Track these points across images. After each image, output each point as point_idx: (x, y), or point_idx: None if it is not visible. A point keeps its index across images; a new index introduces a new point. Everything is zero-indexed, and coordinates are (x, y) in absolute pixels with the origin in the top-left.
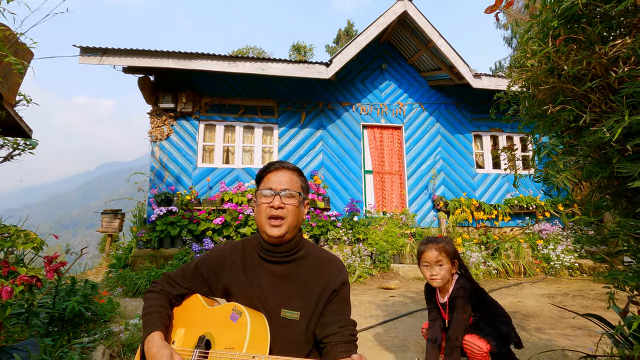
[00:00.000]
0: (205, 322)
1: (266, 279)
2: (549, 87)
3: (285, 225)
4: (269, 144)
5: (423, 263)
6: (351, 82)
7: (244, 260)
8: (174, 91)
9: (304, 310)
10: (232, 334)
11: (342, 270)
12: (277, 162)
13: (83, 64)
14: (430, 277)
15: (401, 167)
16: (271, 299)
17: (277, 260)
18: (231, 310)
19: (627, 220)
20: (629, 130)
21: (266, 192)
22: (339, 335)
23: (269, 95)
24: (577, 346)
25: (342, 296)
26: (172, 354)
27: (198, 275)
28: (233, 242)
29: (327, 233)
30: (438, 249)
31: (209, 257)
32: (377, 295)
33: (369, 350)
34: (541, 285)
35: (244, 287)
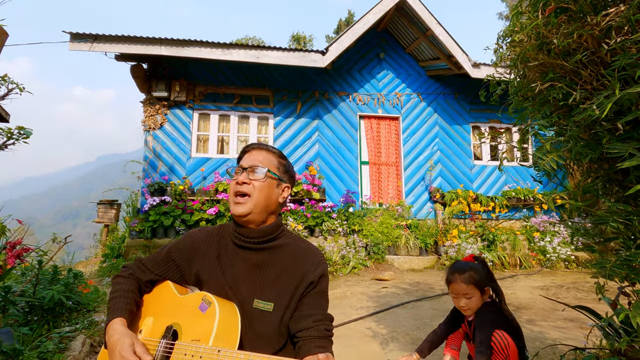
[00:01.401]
0: (174, 311)
1: (240, 267)
2: (538, 64)
3: (250, 203)
4: (264, 134)
5: (451, 293)
6: (348, 71)
7: (218, 247)
8: (168, 80)
9: (278, 301)
10: (199, 325)
11: (321, 262)
12: (256, 143)
13: (74, 50)
14: (460, 308)
15: (398, 158)
16: (244, 289)
17: (251, 247)
18: (200, 300)
19: (617, 205)
20: (621, 108)
21: (237, 169)
22: (313, 330)
23: (264, 84)
24: (568, 338)
25: (319, 289)
26: (134, 343)
27: (170, 260)
28: (209, 228)
29: (322, 224)
30: (464, 280)
31: (182, 242)
32: (369, 286)
33: (357, 341)
34: (536, 278)
35: (216, 274)
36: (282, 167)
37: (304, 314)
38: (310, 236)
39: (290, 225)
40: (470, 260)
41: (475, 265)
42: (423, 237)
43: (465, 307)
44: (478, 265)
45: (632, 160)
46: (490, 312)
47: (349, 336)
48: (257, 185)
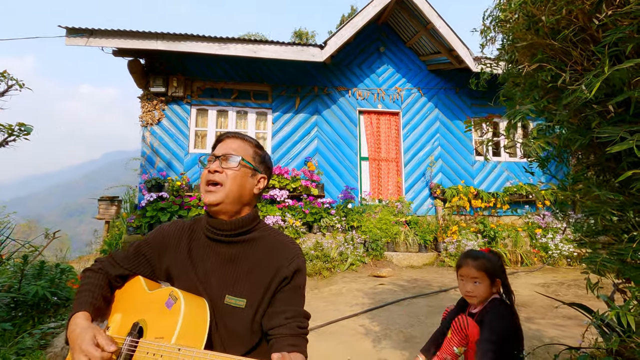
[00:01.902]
0: (142, 307)
1: (211, 261)
2: (527, 45)
3: (222, 192)
4: (263, 129)
5: (459, 277)
6: (347, 66)
7: (190, 241)
8: (165, 75)
9: (251, 297)
10: (165, 321)
11: (297, 256)
12: (231, 132)
13: (70, 45)
14: (466, 294)
15: (398, 154)
16: (215, 284)
17: (223, 240)
18: (168, 296)
19: (607, 194)
20: (612, 88)
21: (210, 157)
22: (285, 328)
23: (262, 79)
24: (566, 336)
25: (294, 285)
26: (95, 336)
27: (140, 255)
28: (181, 221)
29: (321, 220)
30: (476, 266)
31: (154, 236)
32: (366, 283)
33: (349, 338)
34: (537, 275)
35: (186, 270)
36: (257, 157)
37: (276, 310)
38: (309, 232)
39: (288, 221)
40: (486, 252)
41: (490, 255)
42: (422, 234)
43: (471, 293)
44: (493, 257)
45: (623, 144)
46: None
47: (341, 333)
48: (230, 174)
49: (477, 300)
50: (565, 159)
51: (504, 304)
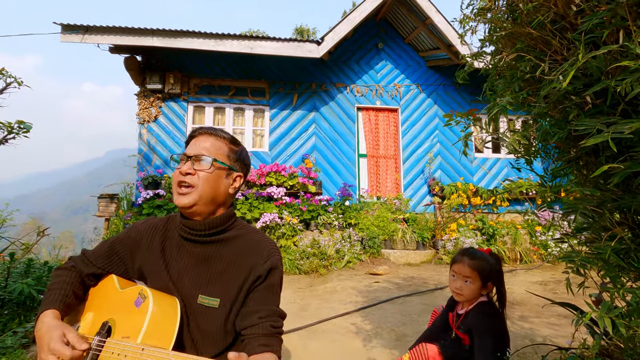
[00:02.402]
0: (113, 306)
1: (185, 260)
2: (507, 34)
3: (195, 194)
4: (260, 126)
5: (451, 272)
6: (345, 62)
7: (163, 240)
8: (162, 72)
9: (224, 297)
10: (132, 321)
11: (272, 254)
12: (205, 127)
13: (65, 41)
14: (454, 290)
15: (397, 151)
16: (188, 283)
17: (198, 240)
18: (137, 294)
19: (584, 190)
20: (590, 79)
21: (181, 157)
22: (258, 327)
23: (260, 76)
24: (559, 335)
25: (268, 283)
26: (65, 334)
27: (113, 253)
28: (156, 219)
29: (318, 218)
30: (471, 265)
31: (127, 234)
32: (362, 280)
33: (340, 337)
34: (535, 273)
35: (158, 269)
36: (233, 155)
37: (250, 310)
38: (306, 230)
39: (285, 218)
40: (486, 253)
41: (488, 257)
42: (420, 231)
43: (459, 291)
44: (492, 259)
45: (598, 136)
46: (489, 316)
47: (332, 332)
48: (203, 175)
49: (464, 299)
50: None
51: (491, 307)
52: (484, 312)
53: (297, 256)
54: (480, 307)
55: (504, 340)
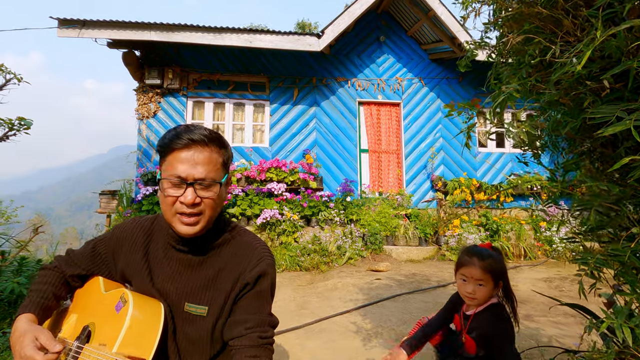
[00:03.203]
0: (95, 309)
1: (171, 266)
2: (513, 15)
3: (203, 221)
4: (260, 121)
5: (460, 276)
6: (347, 56)
7: (148, 242)
8: (161, 67)
9: (213, 305)
10: (111, 326)
11: (262, 259)
12: (185, 132)
13: (62, 36)
14: (466, 295)
15: (399, 146)
16: (174, 290)
17: (189, 250)
18: (118, 298)
19: (599, 185)
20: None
21: (174, 180)
22: (245, 339)
23: (260, 70)
24: (565, 336)
25: (257, 290)
26: (37, 337)
27: (95, 255)
28: (141, 219)
29: (319, 214)
30: (483, 267)
31: (111, 234)
32: (363, 277)
33: (339, 336)
34: (540, 269)
35: (141, 273)
36: (226, 160)
37: (237, 319)
38: (307, 226)
39: (286, 214)
40: (489, 248)
41: (495, 254)
42: (423, 227)
43: (472, 295)
44: (499, 256)
45: (618, 125)
46: (505, 321)
47: (331, 331)
48: (209, 203)
49: (477, 303)
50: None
51: (503, 310)
52: (499, 316)
53: (297, 253)
54: (494, 310)
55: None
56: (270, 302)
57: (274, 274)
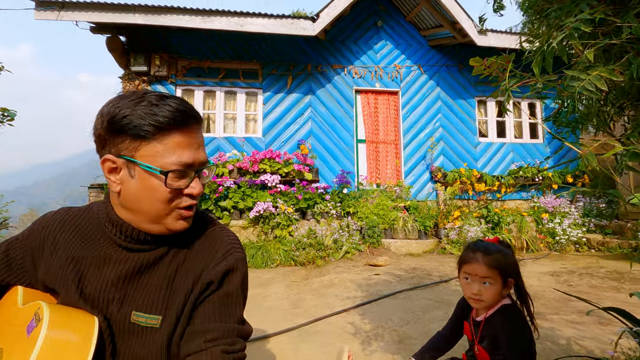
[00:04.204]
0: (6, 330)
1: (116, 269)
2: None
3: (194, 210)
4: (253, 110)
5: (464, 275)
6: (343, 42)
7: (78, 241)
8: (147, 53)
9: (168, 312)
10: (19, 355)
11: (229, 253)
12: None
13: (39, 19)
14: (471, 296)
15: (397, 136)
16: (117, 298)
17: (144, 249)
18: (32, 315)
19: None
20: None
21: (181, 170)
22: (204, 355)
23: (252, 57)
24: (585, 337)
25: (224, 291)
26: None
27: (10, 261)
28: (68, 212)
29: (315, 206)
30: (489, 262)
31: (28, 233)
32: (361, 273)
33: (336, 339)
34: (545, 262)
35: (67, 282)
36: None
37: (197, 329)
38: (302, 219)
39: (280, 207)
40: (497, 243)
41: (504, 249)
42: (422, 220)
43: (478, 297)
44: (508, 251)
45: None
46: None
47: (327, 333)
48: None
49: (484, 305)
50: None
51: (518, 312)
52: (514, 319)
53: (292, 247)
54: (507, 312)
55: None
56: (242, 306)
57: (245, 271)
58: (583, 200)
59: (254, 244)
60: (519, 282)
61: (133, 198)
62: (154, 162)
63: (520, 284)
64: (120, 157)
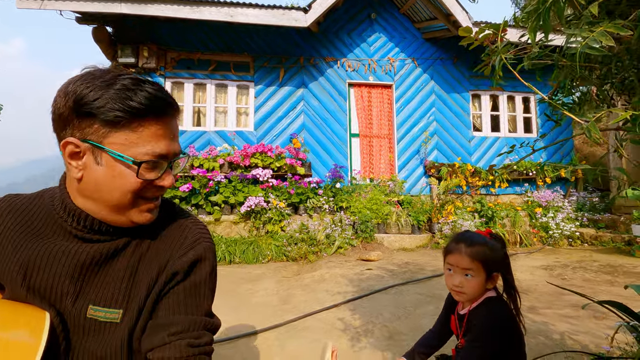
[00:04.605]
0: None
1: (68, 260)
2: None
3: (159, 201)
4: (245, 104)
5: (447, 266)
6: (336, 34)
7: (26, 231)
8: (135, 44)
9: (130, 305)
10: None
11: (197, 242)
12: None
13: (22, 7)
14: (453, 288)
15: (391, 130)
16: (72, 291)
17: (104, 239)
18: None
19: None
20: None
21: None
22: (168, 349)
23: (243, 49)
24: (579, 331)
25: (190, 282)
26: None
27: None
28: (14, 199)
29: (307, 201)
30: (471, 253)
31: None
32: (353, 268)
33: (324, 335)
34: (538, 256)
35: (12, 274)
36: None
37: (160, 322)
38: (294, 214)
39: (272, 202)
40: (486, 236)
41: (492, 242)
42: (416, 214)
43: (459, 288)
44: (496, 244)
45: None
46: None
47: (316, 328)
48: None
49: (466, 298)
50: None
51: (503, 306)
52: (496, 311)
53: (284, 242)
54: (489, 305)
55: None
56: (210, 299)
57: (214, 260)
58: (576, 195)
59: (245, 240)
60: (508, 277)
61: (96, 186)
62: (126, 151)
63: (509, 278)
64: (86, 141)
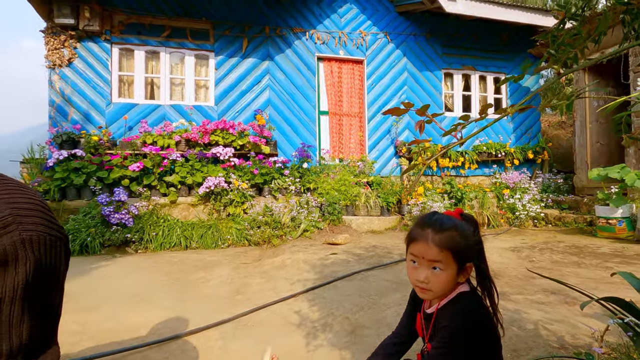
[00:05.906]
0: None
1: None
2: None
3: None
4: (204, 76)
5: (410, 257)
6: (304, 3)
7: None
8: (75, 2)
9: None
10: None
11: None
12: None
13: None
14: (416, 284)
15: (361, 108)
16: None
17: None
18: None
19: None
20: None
21: None
22: None
23: (202, 14)
24: (553, 320)
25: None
26: None
27: None
28: None
29: (272, 182)
30: (439, 241)
31: None
32: (317, 252)
33: (276, 331)
34: (505, 237)
35: None
36: None
37: None
38: (258, 195)
39: (233, 183)
40: (457, 217)
41: (462, 224)
42: (385, 196)
43: (424, 285)
44: (467, 227)
45: None
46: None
47: (268, 324)
48: None
49: (433, 296)
50: None
51: (477, 302)
52: (467, 311)
53: (246, 225)
54: (461, 302)
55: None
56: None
57: (35, 257)
58: (542, 177)
59: (204, 223)
60: (482, 266)
61: None
62: None
63: (484, 268)
64: None
